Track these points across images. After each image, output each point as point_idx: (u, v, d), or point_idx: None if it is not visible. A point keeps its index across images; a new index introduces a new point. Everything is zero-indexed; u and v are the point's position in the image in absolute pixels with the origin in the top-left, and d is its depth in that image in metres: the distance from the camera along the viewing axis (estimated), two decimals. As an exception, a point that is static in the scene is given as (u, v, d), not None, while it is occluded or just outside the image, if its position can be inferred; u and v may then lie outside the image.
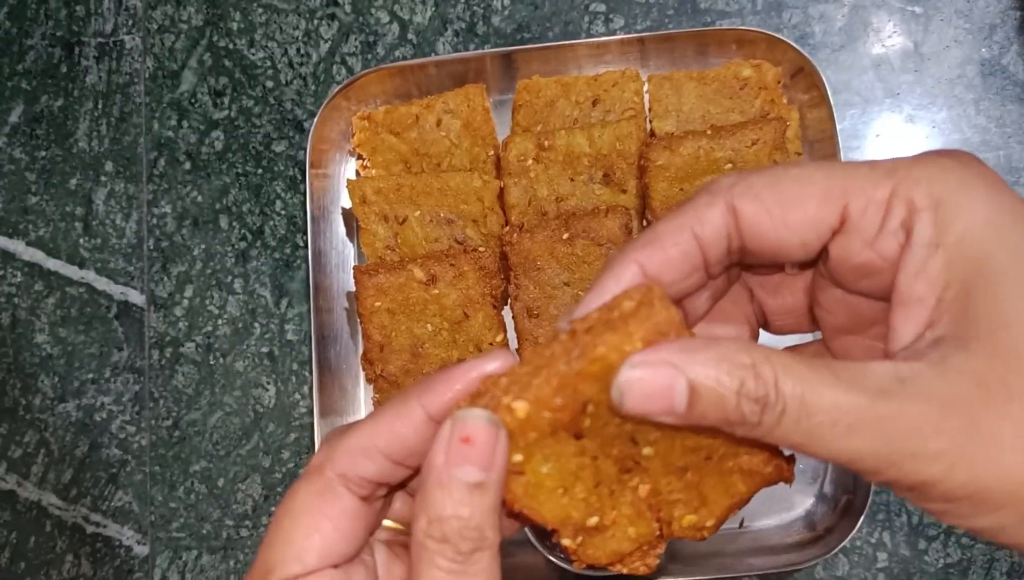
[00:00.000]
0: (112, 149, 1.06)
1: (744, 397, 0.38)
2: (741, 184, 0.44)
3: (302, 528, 0.44)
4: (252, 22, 1.05)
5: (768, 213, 0.43)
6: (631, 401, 0.40)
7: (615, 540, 0.46)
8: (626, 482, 0.45)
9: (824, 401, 0.38)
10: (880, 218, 0.42)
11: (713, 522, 0.47)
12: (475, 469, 0.40)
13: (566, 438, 0.43)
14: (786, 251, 0.44)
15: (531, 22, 1.03)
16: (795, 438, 0.38)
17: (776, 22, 1.00)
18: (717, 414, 0.39)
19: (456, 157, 0.99)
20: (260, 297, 1.02)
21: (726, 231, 0.44)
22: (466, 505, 0.40)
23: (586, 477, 0.44)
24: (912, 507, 0.93)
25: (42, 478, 1.03)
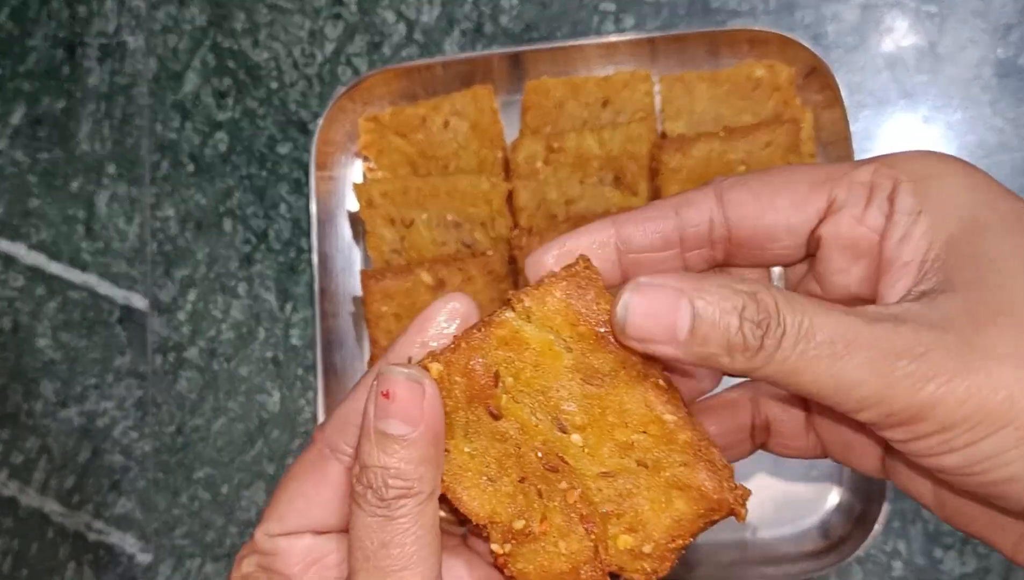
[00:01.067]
0: (114, 151, 1.05)
1: (746, 320, 0.39)
2: (735, 177, 0.46)
3: (289, 492, 0.47)
4: (256, 22, 1.04)
5: (756, 197, 0.45)
6: (633, 320, 0.41)
7: (545, 554, 0.44)
8: (554, 483, 0.44)
9: (823, 322, 0.38)
10: (865, 196, 0.43)
11: (651, 547, 0.44)
12: (398, 422, 0.41)
13: (484, 415, 0.43)
14: (772, 236, 0.45)
15: (540, 22, 1.01)
16: (792, 363, 0.38)
17: (789, 22, 0.98)
18: (719, 338, 0.39)
19: (464, 159, 0.97)
20: (264, 301, 1.01)
21: (709, 215, 0.46)
22: (389, 455, 0.41)
23: (510, 468, 0.44)
24: (928, 515, 0.92)
25: (44, 484, 1.02)
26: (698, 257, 0.47)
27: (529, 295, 0.44)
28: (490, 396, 0.43)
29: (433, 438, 0.42)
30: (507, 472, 0.44)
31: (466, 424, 0.44)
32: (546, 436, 0.44)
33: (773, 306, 0.39)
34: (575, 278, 0.44)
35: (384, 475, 0.42)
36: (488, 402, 0.43)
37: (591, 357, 0.44)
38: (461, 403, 0.44)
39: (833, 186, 0.44)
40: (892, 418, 0.38)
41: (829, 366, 0.38)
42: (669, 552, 0.44)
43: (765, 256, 0.47)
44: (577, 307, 0.43)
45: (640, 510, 0.44)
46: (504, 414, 0.43)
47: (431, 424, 0.42)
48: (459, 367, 0.43)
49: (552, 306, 0.43)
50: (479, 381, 0.43)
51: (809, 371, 0.38)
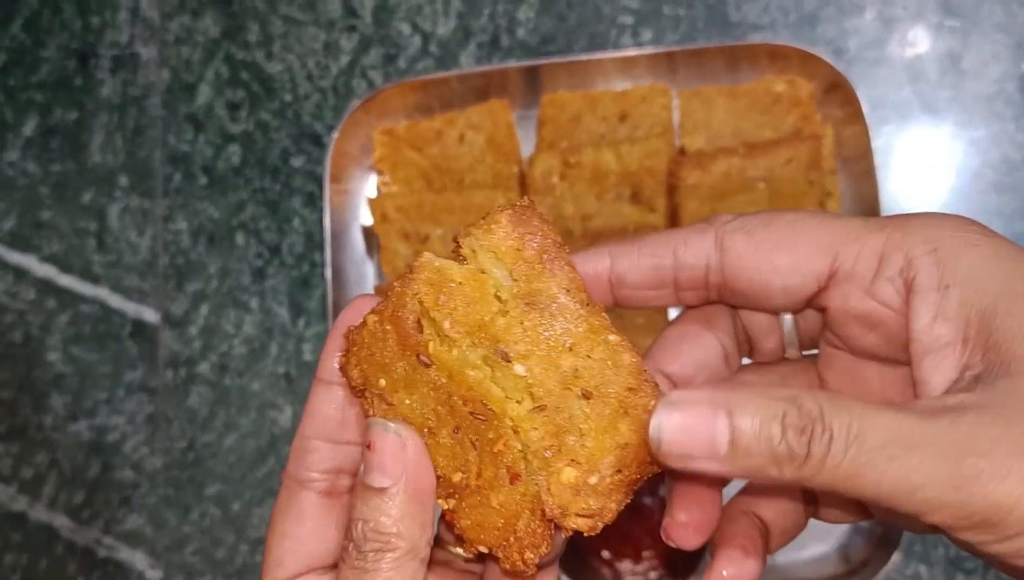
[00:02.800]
0: (127, 163, 1.04)
1: (789, 427, 0.36)
2: (739, 220, 0.44)
3: (276, 535, 0.46)
4: (270, 34, 1.03)
5: (756, 250, 0.43)
6: (669, 438, 0.38)
7: (482, 508, 0.43)
8: (484, 433, 0.42)
9: (873, 423, 0.36)
10: (875, 265, 0.42)
11: (597, 479, 0.42)
12: (378, 475, 0.41)
13: (416, 364, 0.43)
14: (767, 294, 0.44)
15: (557, 34, 1.00)
16: (846, 468, 0.36)
17: (810, 36, 0.97)
18: (762, 449, 0.37)
19: (479, 173, 0.96)
20: (277, 316, 1.00)
21: (706, 260, 0.44)
22: (370, 509, 0.41)
23: (445, 418, 0.43)
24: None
25: (53, 499, 1.01)
26: (692, 296, 0.46)
27: (477, 227, 0.43)
28: (418, 343, 0.42)
29: (415, 493, 0.41)
30: (444, 422, 0.43)
31: (405, 375, 0.43)
32: (470, 383, 0.42)
33: (816, 411, 0.36)
34: (519, 209, 0.43)
35: (364, 528, 0.41)
36: (418, 349, 0.43)
37: (535, 282, 0.43)
38: (397, 353, 0.43)
39: (839, 252, 0.42)
40: (966, 521, 0.35)
41: (886, 469, 0.35)
42: (616, 486, 0.42)
43: (760, 306, 0.46)
44: (521, 232, 0.43)
45: (584, 441, 0.42)
46: (433, 361, 0.42)
47: (413, 478, 0.41)
48: (388, 315, 0.43)
49: (499, 235, 0.43)
50: (407, 328, 0.43)
51: (866, 476, 0.36)
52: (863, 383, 0.46)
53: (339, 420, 0.46)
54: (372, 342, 0.43)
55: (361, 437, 0.42)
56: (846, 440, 0.36)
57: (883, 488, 0.36)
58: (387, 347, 0.43)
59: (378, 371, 0.43)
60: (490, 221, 0.43)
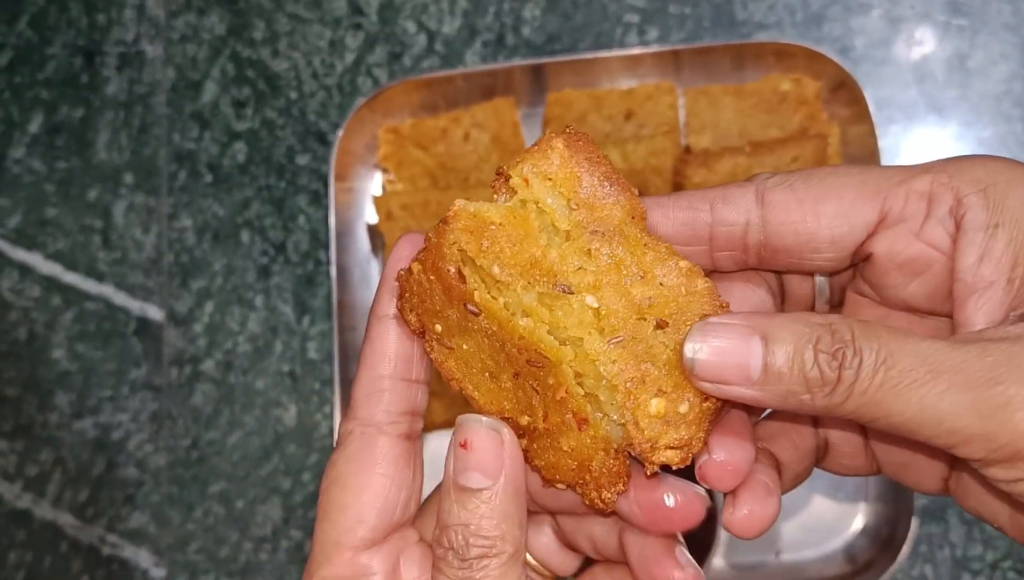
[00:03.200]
0: (132, 161, 1.04)
1: (821, 352, 0.36)
2: (778, 177, 0.43)
3: (351, 490, 0.43)
4: (276, 31, 1.03)
5: (799, 202, 0.41)
6: (703, 361, 0.38)
7: (553, 451, 0.42)
8: (543, 379, 0.41)
9: (902, 348, 0.35)
10: (924, 207, 0.40)
11: (687, 407, 0.40)
12: (477, 475, 0.39)
13: (465, 313, 0.41)
14: (813, 248, 0.42)
15: (562, 33, 1.00)
16: (873, 394, 0.36)
17: (816, 35, 0.97)
18: (795, 374, 0.37)
19: (484, 172, 0.96)
20: (282, 314, 1.00)
21: (745, 218, 0.42)
22: (470, 512, 0.39)
23: (503, 364, 0.42)
24: (956, 539, 0.90)
25: (58, 497, 1.01)
26: (728, 258, 0.44)
27: (530, 153, 0.41)
28: (463, 293, 0.41)
29: (514, 492, 0.40)
30: (503, 368, 0.42)
31: (458, 321, 0.42)
32: (521, 331, 0.40)
33: (849, 335, 0.36)
34: (573, 135, 0.41)
35: (465, 534, 0.39)
36: (464, 299, 0.41)
37: (599, 210, 0.41)
38: (445, 302, 0.41)
39: (886, 197, 0.41)
40: (995, 453, 0.35)
41: (912, 395, 0.35)
42: (703, 415, 0.40)
43: (802, 265, 0.43)
44: (579, 159, 0.41)
45: (668, 370, 0.40)
46: (481, 309, 0.41)
47: (512, 477, 0.40)
48: (429, 265, 0.41)
49: (555, 161, 0.41)
50: (450, 279, 0.41)
51: (893, 403, 0.35)
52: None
53: (408, 357, 0.43)
54: (420, 290, 0.42)
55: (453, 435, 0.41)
56: (874, 365, 0.35)
57: (909, 415, 0.35)
58: (435, 295, 0.42)
59: (432, 317, 0.42)
60: (544, 147, 0.42)
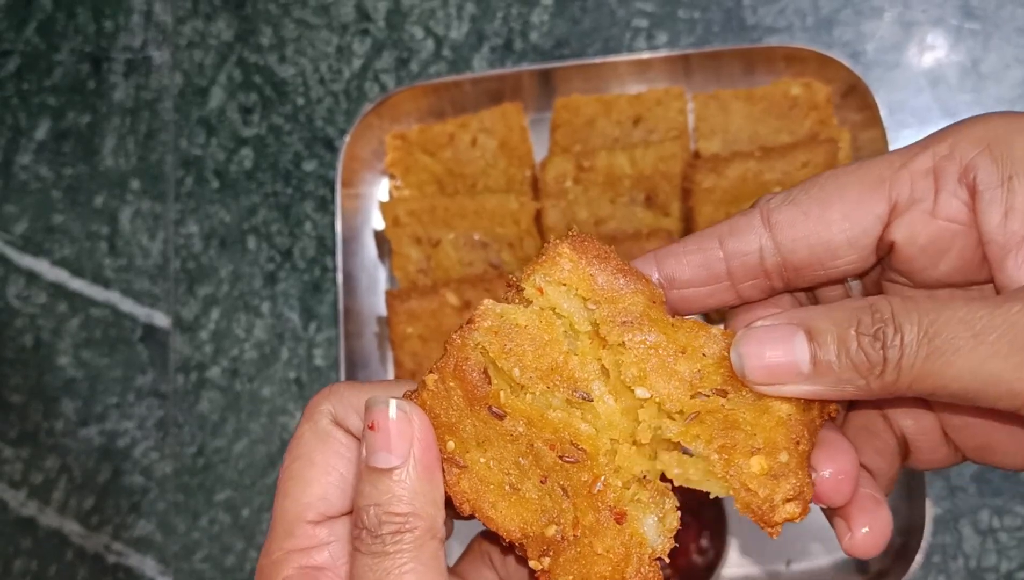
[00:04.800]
0: (139, 167, 1.03)
1: (862, 334, 0.36)
2: (776, 197, 0.42)
3: (318, 467, 0.44)
4: (283, 37, 1.03)
5: (805, 214, 0.41)
6: (751, 365, 0.38)
7: (584, 560, 0.41)
8: (576, 476, 0.40)
9: (943, 317, 0.35)
10: (932, 184, 0.40)
11: (787, 456, 0.39)
12: (385, 454, 0.39)
13: (489, 418, 0.41)
14: (832, 256, 0.41)
15: (570, 38, 0.99)
16: (921, 367, 0.35)
17: (827, 39, 0.96)
18: (843, 362, 0.37)
19: (492, 178, 0.95)
20: (288, 320, 0.99)
21: (758, 244, 0.42)
22: (380, 491, 0.39)
23: (529, 470, 0.41)
24: (970, 548, 0.89)
25: (63, 505, 1.00)
26: (752, 288, 0.43)
27: (539, 264, 0.42)
28: (487, 395, 0.41)
29: (424, 470, 0.40)
30: (527, 475, 0.41)
31: (476, 432, 0.41)
32: (555, 425, 0.41)
33: (888, 312, 0.36)
34: (578, 238, 0.42)
35: (377, 512, 0.39)
36: (488, 402, 0.41)
37: (621, 303, 0.41)
38: (464, 410, 0.41)
39: (891, 184, 0.40)
40: None
41: (962, 362, 0.34)
42: (802, 459, 0.39)
43: (830, 274, 0.42)
44: (589, 259, 0.41)
45: (749, 430, 0.40)
46: (507, 411, 0.41)
47: (421, 455, 0.40)
48: (450, 371, 0.41)
49: (566, 267, 0.41)
50: (474, 382, 0.41)
51: (944, 373, 0.35)
52: None
53: None
54: (435, 403, 0.41)
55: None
56: (917, 338, 0.35)
57: (965, 382, 0.35)
58: (452, 405, 0.41)
59: (444, 433, 0.41)
60: (552, 254, 0.42)
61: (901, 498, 0.87)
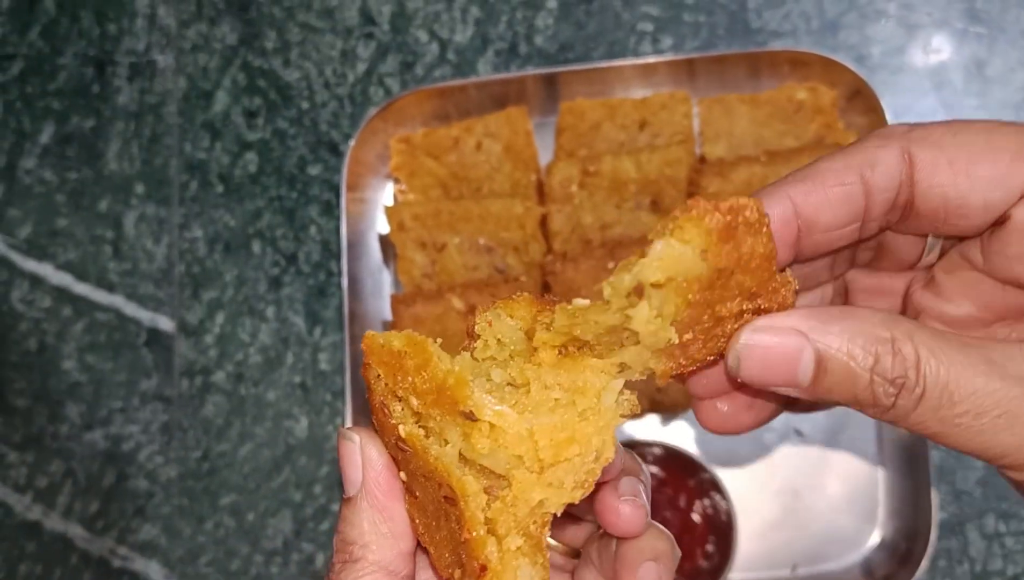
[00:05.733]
0: (143, 171, 1.03)
1: (878, 376, 0.35)
2: (919, 130, 0.39)
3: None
4: (287, 41, 1.03)
5: (951, 164, 0.38)
6: (748, 368, 0.37)
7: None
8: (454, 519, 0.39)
9: (972, 388, 0.34)
10: None
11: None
12: (345, 484, 0.40)
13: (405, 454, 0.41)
14: (963, 212, 0.39)
15: (575, 42, 0.99)
16: (932, 426, 0.35)
17: (832, 43, 0.96)
18: (845, 391, 0.36)
19: (497, 182, 0.95)
20: (293, 325, 0.99)
21: (899, 179, 0.39)
22: (341, 520, 0.40)
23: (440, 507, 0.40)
24: (975, 553, 0.89)
25: (68, 509, 1.00)
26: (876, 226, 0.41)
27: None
28: (391, 427, 0.40)
29: (375, 501, 0.39)
30: (440, 512, 0.40)
31: (406, 466, 0.41)
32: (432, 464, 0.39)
33: (914, 360, 0.34)
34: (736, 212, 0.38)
35: (336, 539, 0.40)
36: (395, 436, 0.40)
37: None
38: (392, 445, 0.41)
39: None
40: None
41: (974, 436, 0.34)
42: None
43: (946, 229, 0.40)
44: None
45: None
46: (408, 445, 0.40)
47: (371, 487, 0.39)
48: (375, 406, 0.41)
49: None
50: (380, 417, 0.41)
51: (949, 436, 0.35)
52: (980, 297, 0.42)
53: None
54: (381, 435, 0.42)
55: None
56: (938, 400, 0.34)
57: (967, 449, 0.35)
58: (387, 442, 0.41)
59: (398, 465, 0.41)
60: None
61: (907, 503, 0.87)
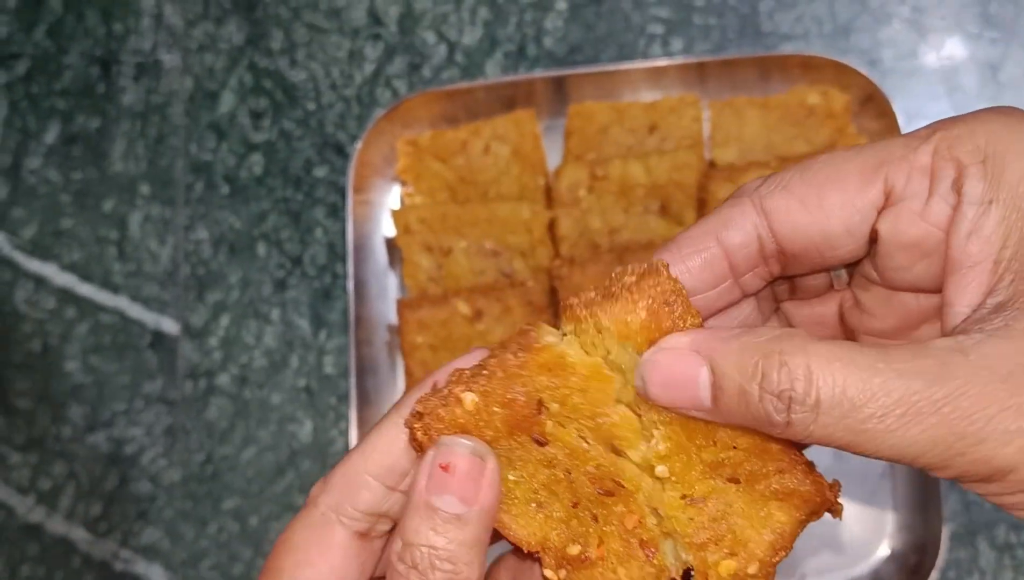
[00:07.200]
0: (148, 171, 1.03)
1: (767, 392, 0.34)
2: (768, 182, 0.40)
3: (292, 561, 0.44)
4: (294, 42, 1.02)
5: (802, 202, 0.39)
6: (653, 388, 0.38)
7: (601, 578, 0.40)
8: (610, 507, 0.40)
9: (871, 390, 0.33)
10: (927, 184, 0.38)
11: (756, 568, 0.40)
12: (455, 500, 0.38)
13: (528, 442, 0.40)
14: (831, 244, 0.40)
15: (584, 44, 0.98)
16: (840, 437, 0.34)
17: (844, 46, 0.95)
18: (742, 411, 0.35)
19: (504, 185, 0.94)
20: (298, 327, 0.98)
21: (755, 233, 0.40)
22: (441, 535, 0.38)
23: (561, 494, 0.40)
24: (986, 564, 0.88)
25: (71, 511, 1.00)
26: (754, 277, 0.42)
27: (603, 310, 0.40)
28: (534, 424, 0.40)
29: (488, 521, 0.39)
30: (558, 497, 0.40)
31: (508, 452, 0.40)
32: (599, 460, 0.40)
33: (803, 371, 0.34)
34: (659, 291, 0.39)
35: (432, 556, 0.38)
36: (532, 430, 0.40)
37: None
38: (502, 433, 0.40)
39: (889, 172, 0.38)
40: (971, 478, 0.35)
41: (884, 438, 0.34)
42: (770, 569, 0.40)
43: (826, 262, 0.41)
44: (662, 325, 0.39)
45: (738, 530, 0.40)
46: (550, 440, 0.40)
47: (487, 506, 0.38)
48: (497, 398, 0.40)
49: (635, 324, 0.40)
50: (521, 410, 0.40)
51: (861, 444, 0.34)
52: (897, 308, 0.43)
53: (404, 470, 0.43)
54: (469, 422, 0.40)
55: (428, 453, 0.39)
56: (838, 408, 0.34)
57: (883, 454, 0.34)
58: (490, 427, 0.40)
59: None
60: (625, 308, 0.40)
61: (916, 513, 0.86)
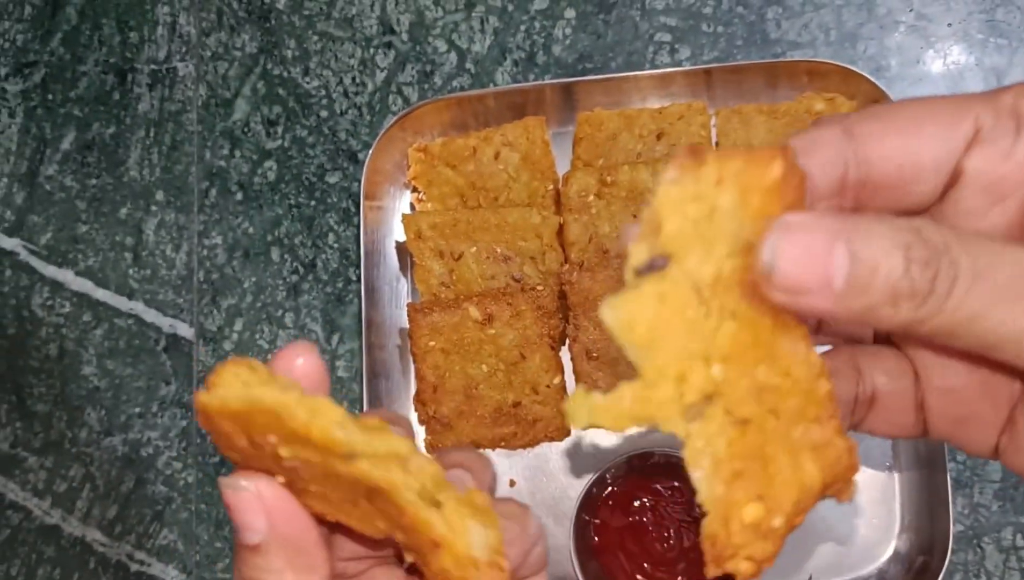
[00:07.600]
0: (163, 178, 1.04)
1: (914, 261, 0.33)
2: (856, 113, 0.39)
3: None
4: (307, 50, 1.03)
5: (897, 129, 0.38)
6: (784, 264, 0.34)
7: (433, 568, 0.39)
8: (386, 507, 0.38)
9: (1005, 259, 0.33)
10: (1013, 125, 0.37)
11: (780, 522, 0.36)
12: (244, 532, 0.38)
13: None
14: (918, 176, 0.38)
15: (593, 52, 0.99)
16: (967, 309, 0.33)
17: (850, 53, 0.96)
18: (882, 284, 0.33)
19: (514, 191, 0.95)
20: (311, 332, 0.99)
21: (842, 157, 0.39)
22: (249, 567, 0.39)
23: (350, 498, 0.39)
24: (992, 566, 0.88)
25: (87, 513, 1.01)
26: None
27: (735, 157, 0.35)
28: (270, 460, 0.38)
29: (288, 540, 0.39)
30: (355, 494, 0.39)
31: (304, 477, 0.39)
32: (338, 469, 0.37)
33: (942, 243, 0.33)
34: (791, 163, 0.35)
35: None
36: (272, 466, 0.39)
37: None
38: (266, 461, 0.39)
39: (978, 112, 0.38)
40: None
41: (1011, 310, 0.33)
42: (787, 531, 0.36)
43: (902, 201, 0.39)
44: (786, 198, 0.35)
45: (771, 469, 0.35)
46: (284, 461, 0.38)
47: (281, 527, 0.38)
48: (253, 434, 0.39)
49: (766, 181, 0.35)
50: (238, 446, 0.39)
51: (988, 318, 0.33)
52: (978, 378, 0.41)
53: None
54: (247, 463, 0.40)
55: None
56: (972, 275, 0.33)
57: (1004, 332, 0.33)
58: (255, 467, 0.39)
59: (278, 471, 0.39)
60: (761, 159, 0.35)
61: (923, 515, 0.87)
